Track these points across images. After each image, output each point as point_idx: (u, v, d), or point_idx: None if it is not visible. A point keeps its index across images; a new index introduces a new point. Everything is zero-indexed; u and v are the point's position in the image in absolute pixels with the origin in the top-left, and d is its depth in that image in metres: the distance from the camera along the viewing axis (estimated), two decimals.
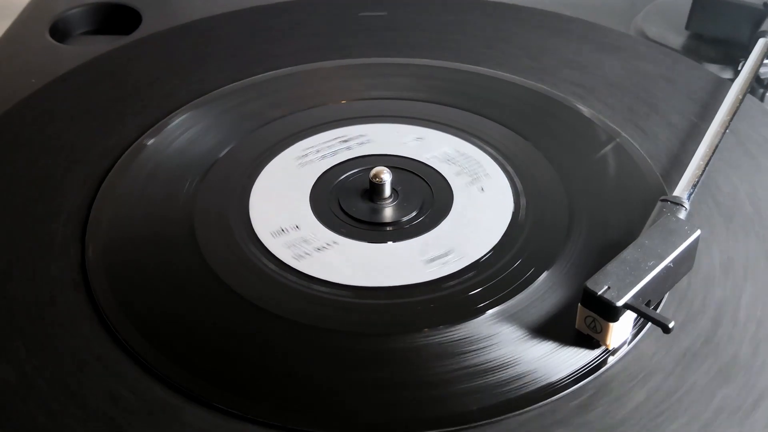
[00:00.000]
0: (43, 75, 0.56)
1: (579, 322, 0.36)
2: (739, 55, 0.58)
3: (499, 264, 0.41)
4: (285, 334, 0.37)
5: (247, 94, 0.53)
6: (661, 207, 0.40)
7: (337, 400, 0.35)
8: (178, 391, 0.35)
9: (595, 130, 0.49)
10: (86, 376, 0.35)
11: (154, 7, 0.66)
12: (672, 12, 0.64)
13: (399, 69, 0.55)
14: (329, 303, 0.39)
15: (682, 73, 0.54)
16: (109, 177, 0.46)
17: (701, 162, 0.43)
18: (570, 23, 0.60)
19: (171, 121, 0.50)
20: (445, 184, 0.45)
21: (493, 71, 0.54)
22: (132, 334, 0.37)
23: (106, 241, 0.42)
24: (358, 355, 0.36)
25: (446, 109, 0.51)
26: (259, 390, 0.35)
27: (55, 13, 0.65)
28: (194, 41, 0.59)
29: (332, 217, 0.43)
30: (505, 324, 0.37)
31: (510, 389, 0.35)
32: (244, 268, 0.41)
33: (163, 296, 0.39)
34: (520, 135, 0.49)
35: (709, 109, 0.50)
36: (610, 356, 0.36)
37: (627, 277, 0.35)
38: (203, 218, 0.43)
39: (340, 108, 0.52)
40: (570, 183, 0.45)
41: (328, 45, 0.57)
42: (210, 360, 0.36)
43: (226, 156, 0.48)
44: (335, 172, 0.46)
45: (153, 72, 0.55)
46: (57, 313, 0.38)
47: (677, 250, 0.36)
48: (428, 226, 0.43)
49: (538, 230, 0.42)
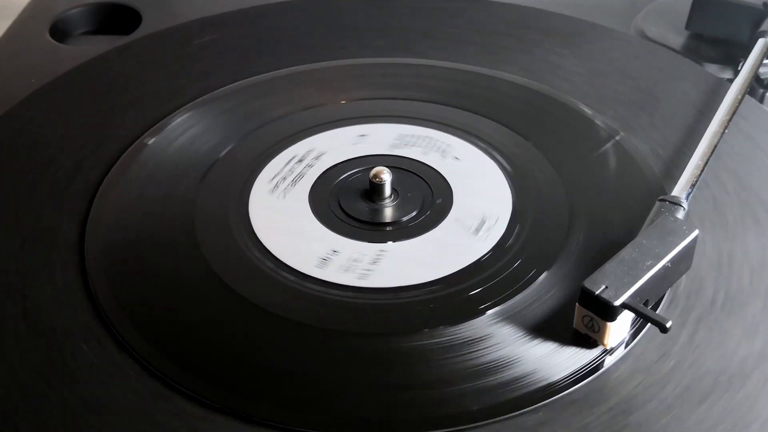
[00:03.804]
0: (43, 75, 0.56)
1: (577, 322, 0.36)
2: (738, 55, 0.58)
3: (499, 264, 0.41)
4: (285, 334, 0.37)
5: (247, 94, 0.53)
6: (660, 207, 0.40)
7: (337, 400, 0.35)
8: (178, 391, 0.35)
9: (594, 130, 0.49)
10: (86, 376, 0.35)
11: (154, 7, 0.66)
12: (672, 12, 0.64)
13: (399, 69, 0.55)
14: (329, 303, 0.39)
15: (682, 73, 0.54)
16: (109, 177, 0.46)
17: (700, 162, 0.43)
18: (570, 23, 0.60)
19: (171, 121, 0.50)
20: (445, 184, 0.45)
21: (493, 71, 0.54)
22: (132, 334, 0.37)
23: (106, 241, 0.42)
24: (358, 355, 0.37)
25: (446, 109, 0.51)
26: (259, 390, 0.35)
27: (55, 13, 0.65)
28: (194, 41, 0.59)
29: (332, 217, 0.43)
30: (505, 324, 0.38)
31: (510, 389, 0.35)
32: (244, 268, 0.41)
33: (163, 296, 0.39)
34: (520, 135, 0.49)
35: (709, 109, 0.50)
36: (609, 356, 0.36)
37: (625, 276, 0.35)
38: (203, 218, 0.43)
39: (340, 108, 0.52)
40: (570, 183, 0.45)
41: (328, 45, 0.57)
42: (210, 360, 0.36)
43: (226, 156, 0.48)
44: (335, 172, 0.46)
45: (153, 72, 0.55)
46: (57, 313, 0.38)
47: (675, 250, 0.36)
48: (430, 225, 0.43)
49: (537, 230, 0.43)
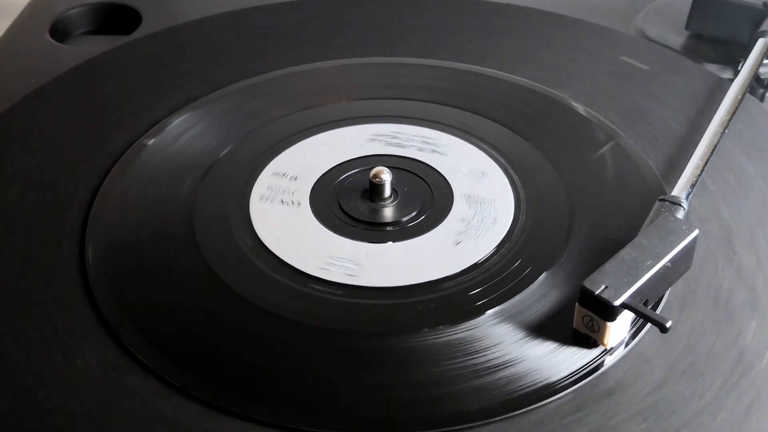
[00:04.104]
0: (43, 75, 0.56)
1: (577, 322, 0.36)
2: (739, 55, 0.58)
3: (499, 264, 0.41)
4: (285, 334, 0.37)
5: (247, 94, 0.53)
6: (660, 206, 0.40)
7: (337, 400, 0.35)
8: (178, 391, 0.35)
9: (594, 129, 0.49)
10: (86, 376, 0.35)
11: (154, 7, 0.66)
12: (672, 12, 0.64)
13: (399, 69, 0.55)
14: (329, 303, 0.39)
15: (682, 73, 0.54)
16: (109, 177, 0.46)
17: (700, 162, 0.43)
18: (570, 23, 0.60)
19: (171, 121, 0.50)
20: (445, 184, 0.45)
21: (493, 71, 0.54)
22: (132, 334, 0.37)
23: (106, 241, 0.42)
24: (358, 355, 0.37)
25: (446, 109, 0.51)
26: (259, 389, 0.35)
27: (55, 13, 0.65)
28: (194, 41, 0.59)
29: (332, 218, 0.43)
30: (505, 324, 0.38)
31: (509, 389, 0.35)
32: (244, 267, 0.41)
33: (163, 296, 0.39)
34: (520, 135, 0.49)
35: (709, 109, 0.50)
36: (609, 356, 0.36)
37: (624, 276, 0.35)
38: (203, 218, 0.43)
39: (340, 108, 0.52)
40: (570, 183, 0.45)
41: (328, 44, 0.57)
42: (210, 359, 0.36)
43: (226, 156, 0.48)
44: (335, 172, 0.46)
45: (153, 72, 0.55)
46: (57, 313, 0.38)
47: (675, 250, 0.36)
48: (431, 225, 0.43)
49: (537, 230, 0.43)
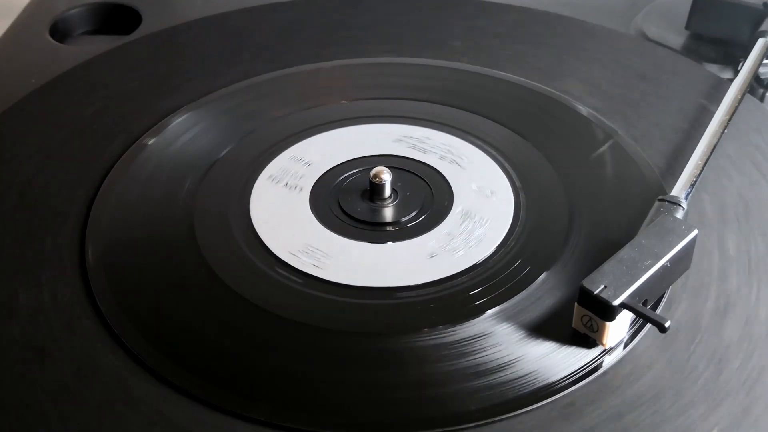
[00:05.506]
0: (43, 75, 0.56)
1: (576, 321, 0.36)
2: (738, 55, 0.58)
3: (499, 264, 0.41)
4: (285, 334, 0.37)
5: (247, 94, 0.53)
6: (659, 206, 0.40)
7: (337, 400, 0.35)
8: (178, 390, 0.35)
9: (594, 129, 0.49)
10: (86, 376, 0.35)
11: (154, 7, 0.66)
12: (672, 12, 0.64)
13: (399, 69, 0.55)
14: (329, 303, 0.39)
15: (682, 73, 0.54)
16: (109, 177, 0.46)
17: (699, 162, 0.43)
18: (570, 23, 0.60)
19: (171, 121, 0.50)
20: (445, 184, 0.45)
21: (493, 71, 0.54)
22: (132, 334, 0.37)
23: (106, 241, 0.42)
24: (358, 355, 0.37)
25: (446, 109, 0.51)
26: (259, 390, 0.35)
27: (55, 13, 0.65)
28: (194, 41, 0.59)
29: (332, 218, 0.43)
30: (505, 324, 0.38)
31: (509, 389, 0.35)
32: (244, 268, 0.41)
33: (163, 296, 0.39)
34: (520, 135, 0.49)
35: (709, 108, 0.50)
36: (608, 356, 0.36)
37: (624, 276, 0.35)
38: (203, 218, 0.43)
39: (339, 108, 0.52)
40: (570, 183, 0.45)
41: (327, 45, 0.57)
42: (209, 359, 0.36)
43: (226, 156, 0.48)
44: (335, 172, 0.46)
45: (153, 72, 0.55)
46: (57, 313, 0.38)
47: (674, 250, 0.36)
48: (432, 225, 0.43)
49: (537, 230, 0.43)
